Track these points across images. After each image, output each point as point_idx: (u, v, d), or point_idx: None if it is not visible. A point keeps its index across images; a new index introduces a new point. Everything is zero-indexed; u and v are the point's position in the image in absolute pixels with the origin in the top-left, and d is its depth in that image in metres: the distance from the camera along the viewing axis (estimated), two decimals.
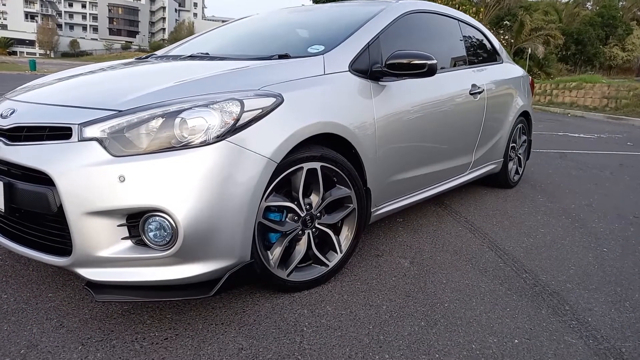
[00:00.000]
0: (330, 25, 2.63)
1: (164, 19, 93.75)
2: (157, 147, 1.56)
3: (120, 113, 1.61)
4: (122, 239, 1.57)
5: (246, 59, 2.23)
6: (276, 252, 1.88)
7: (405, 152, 2.46)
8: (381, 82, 2.30)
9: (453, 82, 2.96)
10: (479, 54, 3.52)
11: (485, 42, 3.67)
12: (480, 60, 3.51)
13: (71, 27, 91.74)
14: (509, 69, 3.88)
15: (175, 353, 1.54)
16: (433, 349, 1.62)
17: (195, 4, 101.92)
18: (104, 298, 1.59)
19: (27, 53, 71.20)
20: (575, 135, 8.57)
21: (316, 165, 1.91)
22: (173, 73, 2.09)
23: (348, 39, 2.27)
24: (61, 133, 1.62)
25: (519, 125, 3.91)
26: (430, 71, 2.27)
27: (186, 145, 1.56)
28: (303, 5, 3.16)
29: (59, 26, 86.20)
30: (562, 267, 2.39)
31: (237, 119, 1.63)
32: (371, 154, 2.19)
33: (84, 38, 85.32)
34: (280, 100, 1.77)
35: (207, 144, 1.57)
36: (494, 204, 3.48)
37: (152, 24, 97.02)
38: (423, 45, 2.76)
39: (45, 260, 1.67)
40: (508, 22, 27.71)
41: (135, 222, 1.57)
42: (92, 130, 1.58)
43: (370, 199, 2.23)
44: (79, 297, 1.87)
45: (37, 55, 65.94)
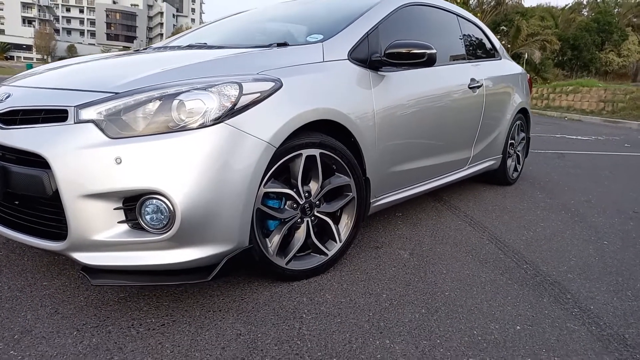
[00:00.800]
0: (328, 17, 2.62)
1: (161, 24, 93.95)
2: (155, 130, 1.54)
3: (117, 95, 1.59)
4: (119, 222, 1.55)
5: (245, 47, 2.21)
6: (275, 239, 1.86)
7: (405, 143, 2.45)
8: (380, 72, 2.29)
9: (452, 76, 2.95)
10: (477, 50, 3.52)
11: (484, 38, 3.67)
12: (479, 56, 3.51)
13: (69, 32, 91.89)
14: (508, 65, 3.88)
15: (172, 338, 1.51)
16: (434, 334, 1.60)
17: (193, 10, 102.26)
18: (99, 282, 1.57)
19: (25, 58, 71.06)
20: (573, 137, 8.58)
21: (315, 152, 1.89)
22: (171, 60, 2.07)
23: (347, 28, 2.26)
24: (57, 116, 1.59)
25: (517, 122, 3.90)
26: (430, 61, 2.27)
27: (184, 127, 1.54)
28: None
29: (57, 31, 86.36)
30: (562, 258, 2.37)
31: (236, 102, 1.62)
32: (370, 143, 2.17)
33: (81, 43, 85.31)
34: (279, 85, 1.76)
35: (205, 126, 1.55)
36: (493, 200, 3.47)
37: (149, 29, 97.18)
38: (422, 38, 2.72)
39: (40, 246, 1.64)
40: (505, 28, 27.84)
41: (132, 205, 1.54)
42: (88, 113, 1.56)
43: (369, 188, 2.21)
44: (75, 286, 1.84)
45: (35, 60, 65.84)
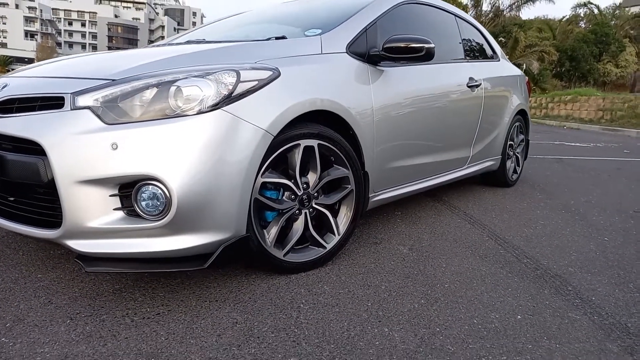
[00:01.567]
0: (327, 14, 2.62)
1: (162, 37, 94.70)
2: (151, 117, 1.53)
3: (114, 82, 1.58)
4: (114, 209, 1.53)
5: (243, 42, 2.22)
6: (272, 230, 1.84)
7: (404, 138, 2.44)
8: (379, 67, 2.29)
9: (450, 74, 2.96)
10: (476, 50, 3.53)
11: (482, 39, 3.68)
12: (478, 56, 3.52)
13: (70, 45, 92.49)
14: (506, 66, 3.89)
15: (167, 326, 1.49)
16: (434, 323, 1.57)
17: (194, 23, 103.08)
18: (94, 269, 1.54)
19: None
20: (572, 144, 8.58)
21: (313, 142, 1.88)
22: (168, 53, 2.06)
23: (345, 22, 2.27)
24: (54, 103, 1.59)
25: (516, 124, 3.90)
26: (428, 55, 2.27)
27: (181, 114, 1.54)
28: None
29: (59, 44, 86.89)
30: (563, 253, 2.35)
31: (233, 89, 1.61)
32: (369, 137, 2.16)
33: None
34: (277, 74, 1.75)
35: (202, 112, 1.54)
36: (493, 200, 3.45)
37: (150, 42, 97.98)
38: (420, 35, 2.76)
39: (35, 234, 1.62)
40: (503, 39, 28.01)
41: (128, 192, 1.53)
42: (85, 99, 1.55)
43: (368, 182, 2.19)
44: (69, 278, 1.82)
45: None
